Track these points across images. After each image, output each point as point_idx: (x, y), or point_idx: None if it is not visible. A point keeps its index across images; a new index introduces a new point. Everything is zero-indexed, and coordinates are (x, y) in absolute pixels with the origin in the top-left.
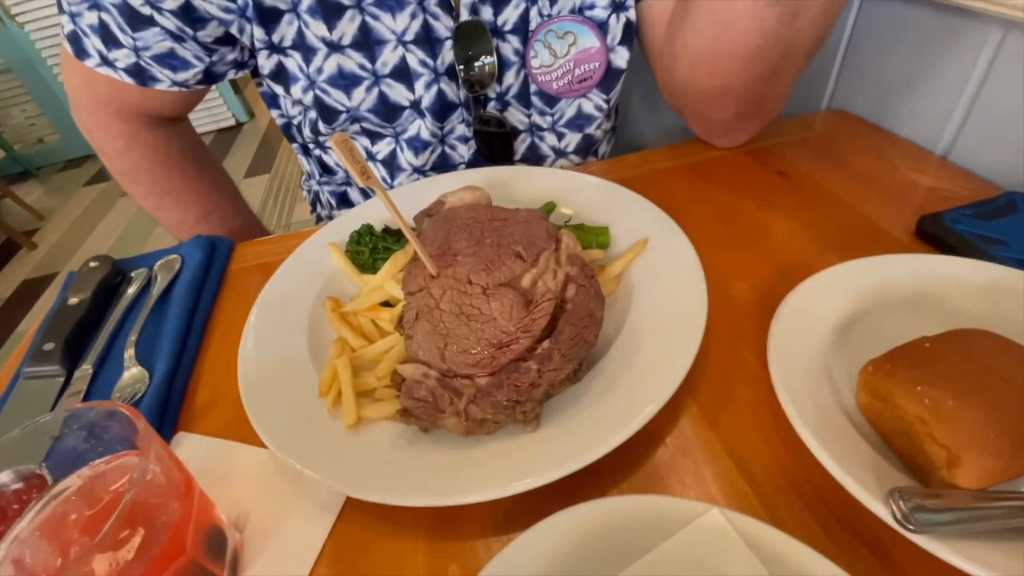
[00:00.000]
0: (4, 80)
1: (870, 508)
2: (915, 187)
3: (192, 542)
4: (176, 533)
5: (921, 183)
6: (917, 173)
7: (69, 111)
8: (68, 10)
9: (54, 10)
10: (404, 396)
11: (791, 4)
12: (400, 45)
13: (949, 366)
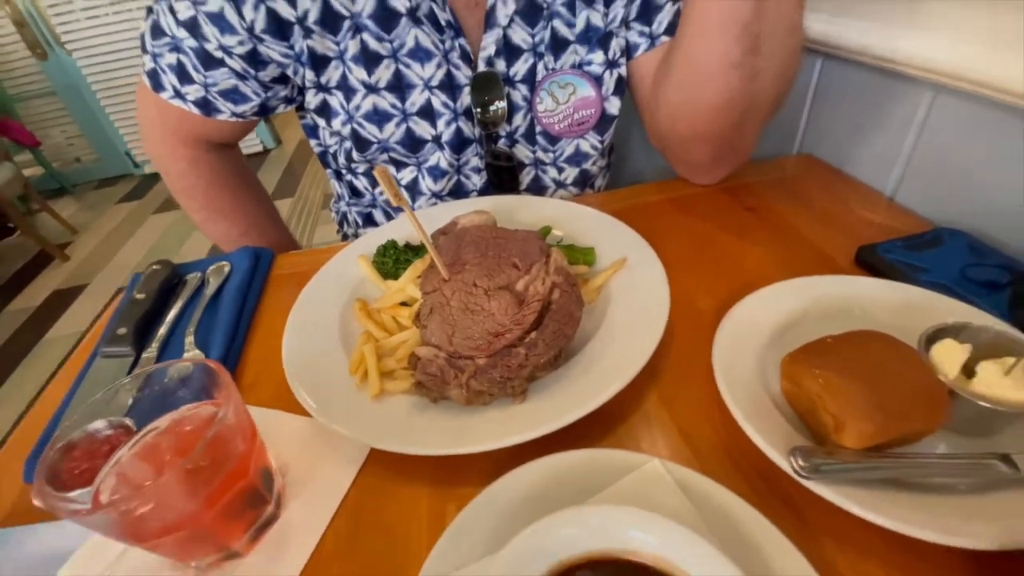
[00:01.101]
0: (48, 102)
1: (777, 463)
2: (864, 223)
3: (252, 472)
4: (242, 462)
5: (869, 219)
6: (867, 211)
7: (107, 133)
8: (151, 51)
9: (100, 39)
10: (419, 372)
11: (750, 68)
12: (426, 89)
13: (842, 356)
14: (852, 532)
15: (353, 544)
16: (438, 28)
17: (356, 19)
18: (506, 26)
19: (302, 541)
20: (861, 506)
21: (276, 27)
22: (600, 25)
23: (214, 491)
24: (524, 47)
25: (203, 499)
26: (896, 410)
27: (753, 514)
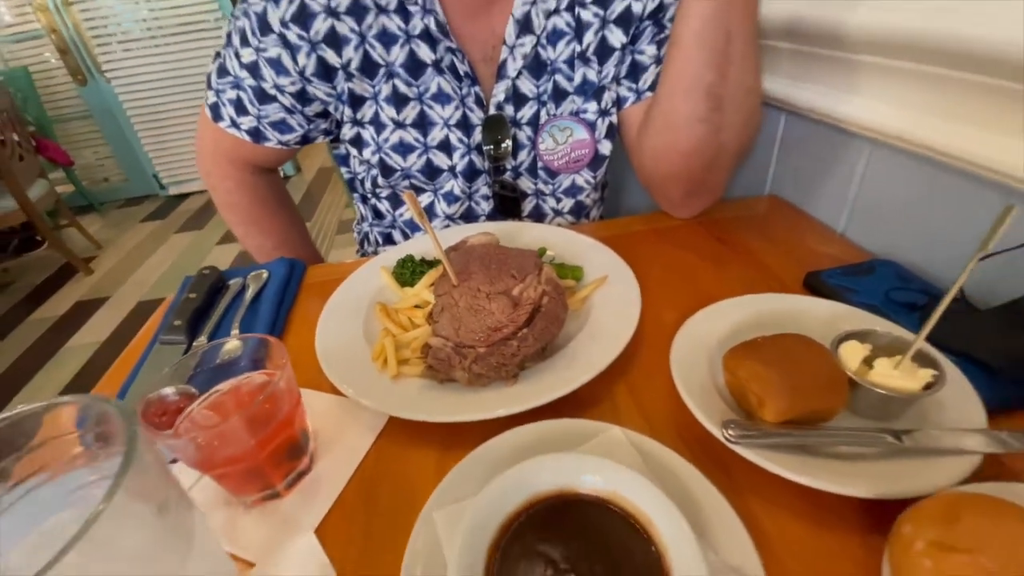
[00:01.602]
0: (83, 125)
1: (712, 433)
2: (816, 254)
3: (294, 429)
4: (288, 418)
5: (822, 251)
6: (821, 245)
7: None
8: (215, 87)
9: (137, 69)
10: (430, 357)
11: (715, 122)
12: (445, 127)
13: (767, 351)
14: (767, 486)
15: (371, 494)
16: (457, 77)
17: (390, 67)
18: (515, 78)
19: (328, 490)
20: (774, 464)
21: (323, 71)
22: (595, 80)
23: (266, 436)
24: (530, 96)
25: (258, 441)
26: (805, 392)
27: (690, 469)
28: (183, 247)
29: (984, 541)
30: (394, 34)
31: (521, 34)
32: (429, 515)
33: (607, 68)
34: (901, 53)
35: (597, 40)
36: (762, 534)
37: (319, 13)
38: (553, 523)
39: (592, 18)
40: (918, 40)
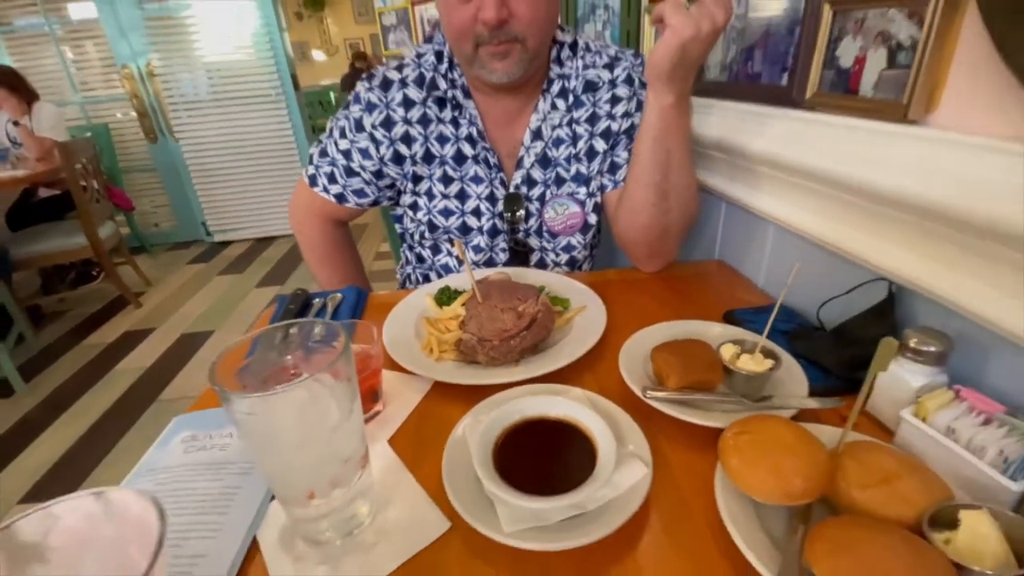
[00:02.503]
0: (147, 176)
1: (636, 393)
2: (739, 300)
3: (376, 381)
4: (374, 374)
5: (744, 299)
6: (745, 294)
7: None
8: (315, 163)
9: (203, 131)
10: (462, 345)
11: (662, 207)
12: (477, 199)
13: (675, 347)
14: (667, 426)
15: (419, 426)
16: (488, 167)
17: (443, 158)
18: (529, 168)
19: (393, 422)
20: (667, 408)
21: (396, 159)
22: (585, 173)
23: (364, 379)
24: (538, 181)
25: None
26: (694, 369)
27: (619, 410)
28: (224, 288)
29: (757, 428)
30: (447, 137)
31: (534, 140)
32: (460, 429)
33: (593, 165)
34: (783, 170)
35: (587, 146)
36: (656, 445)
37: (398, 122)
38: (532, 430)
39: (583, 132)
40: (793, 164)
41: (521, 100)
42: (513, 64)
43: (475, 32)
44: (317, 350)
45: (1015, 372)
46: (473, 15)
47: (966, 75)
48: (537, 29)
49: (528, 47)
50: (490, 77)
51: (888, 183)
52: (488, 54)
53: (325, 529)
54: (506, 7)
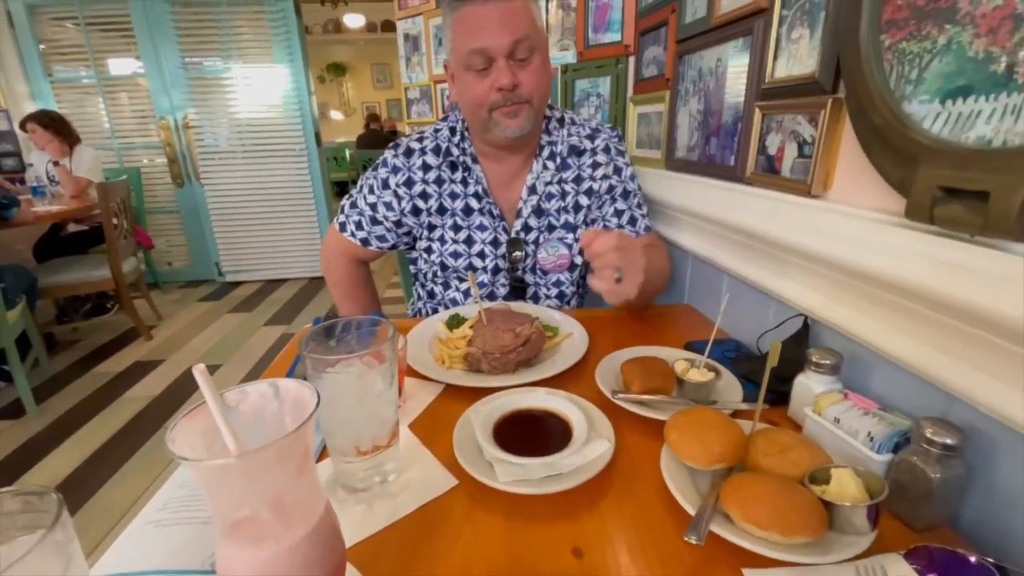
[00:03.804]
0: (169, 217)
1: (608, 396)
2: (698, 334)
3: (402, 380)
4: (399, 372)
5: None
6: (704, 331)
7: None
8: (346, 213)
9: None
10: (469, 357)
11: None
12: (482, 244)
13: (638, 362)
14: (630, 421)
15: (433, 417)
16: (492, 217)
17: (453, 211)
18: (526, 218)
19: (412, 413)
20: (633, 407)
21: (414, 211)
22: (572, 222)
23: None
24: (533, 227)
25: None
26: (652, 377)
27: (596, 409)
28: (233, 325)
29: (692, 413)
30: (458, 194)
31: (530, 195)
32: (467, 415)
33: (579, 215)
34: (730, 230)
35: (573, 201)
36: (619, 432)
37: (418, 182)
38: (524, 417)
39: (570, 189)
40: (737, 226)
41: (518, 164)
42: (523, 120)
43: (490, 100)
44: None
45: (888, 380)
46: (489, 86)
47: (849, 166)
48: (540, 93)
49: (533, 106)
50: (504, 133)
51: (799, 240)
52: (502, 115)
53: (362, 479)
54: (516, 77)
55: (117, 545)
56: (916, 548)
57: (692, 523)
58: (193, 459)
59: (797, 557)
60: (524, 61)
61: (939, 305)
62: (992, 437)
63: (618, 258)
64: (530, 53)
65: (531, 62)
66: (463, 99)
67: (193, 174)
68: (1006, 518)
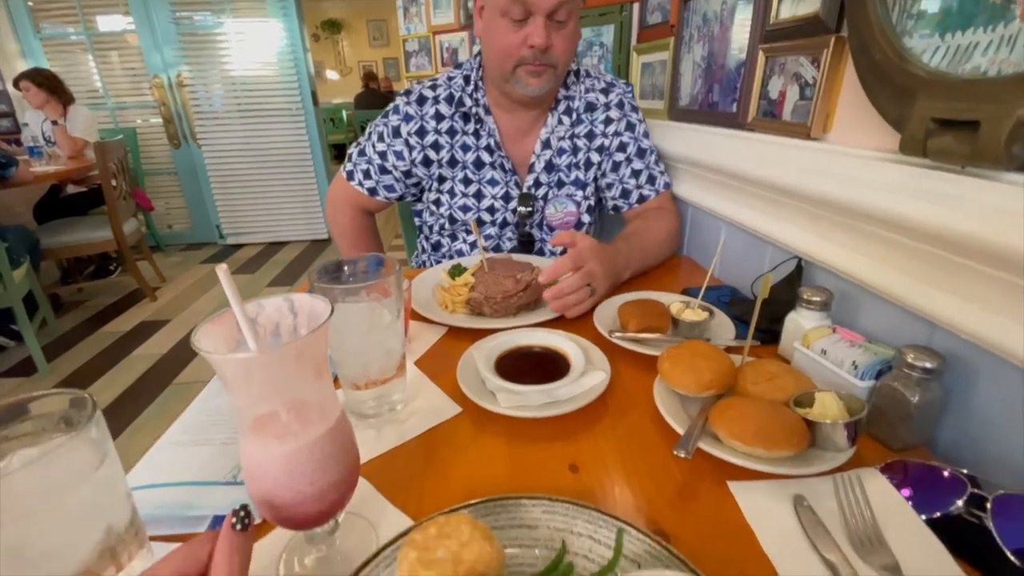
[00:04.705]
0: (167, 179)
1: (604, 335)
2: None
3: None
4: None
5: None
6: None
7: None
8: (354, 161)
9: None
10: (472, 302)
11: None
12: (492, 198)
13: (636, 303)
14: (626, 358)
15: (437, 355)
16: (504, 171)
17: (464, 164)
18: (537, 173)
19: (417, 352)
20: (629, 344)
21: (425, 162)
22: (582, 179)
23: None
24: (543, 183)
25: None
26: (648, 318)
27: (594, 347)
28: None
29: (685, 345)
30: (470, 146)
31: (543, 150)
32: (470, 351)
33: (589, 173)
34: (729, 177)
35: (584, 158)
36: (615, 368)
37: (430, 132)
38: (524, 353)
39: (582, 145)
40: (736, 172)
41: (532, 118)
42: (544, 82)
43: (519, 55)
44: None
45: (875, 315)
46: (522, 40)
47: (848, 107)
48: (566, 60)
49: (557, 72)
50: (525, 91)
51: (798, 182)
52: (526, 72)
53: (371, 408)
54: (550, 38)
55: (145, 461)
56: (892, 463)
57: (681, 440)
58: (219, 355)
59: (778, 469)
60: (561, 24)
61: (929, 236)
62: (971, 363)
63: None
64: (568, 17)
65: (567, 26)
66: (490, 44)
67: (190, 135)
68: (981, 439)
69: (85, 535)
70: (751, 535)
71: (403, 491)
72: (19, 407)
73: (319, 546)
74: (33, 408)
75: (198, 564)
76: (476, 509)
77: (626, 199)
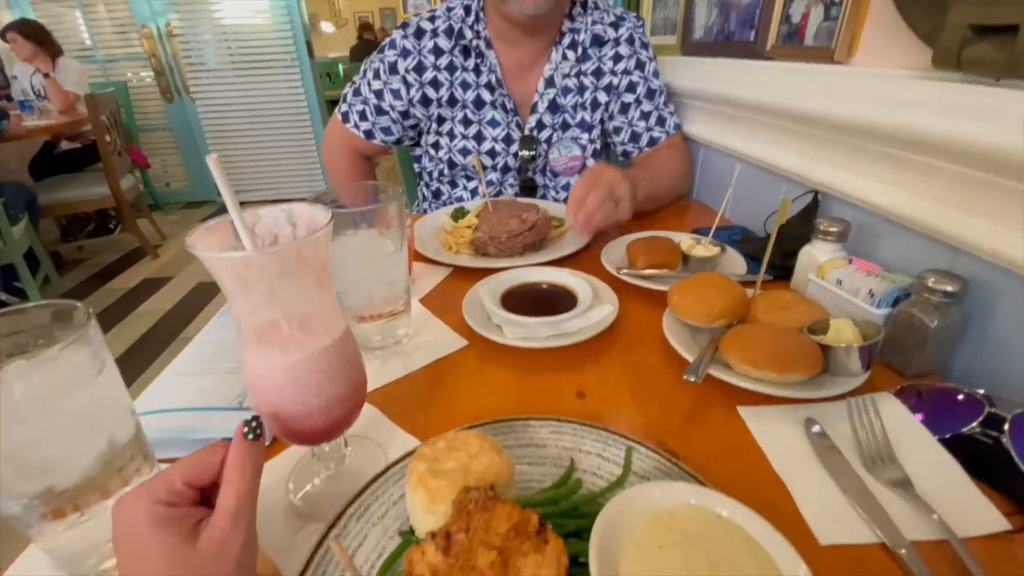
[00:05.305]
0: (161, 136)
1: (611, 272)
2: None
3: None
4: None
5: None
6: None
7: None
8: (349, 101)
9: (219, 91)
10: (476, 242)
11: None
12: (493, 141)
13: (645, 240)
14: (635, 292)
15: (444, 294)
16: (506, 111)
17: (464, 103)
18: (540, 114)
19: (421, 292)
20: (638, 281)
21: (423, 101)
22: (588, 120)
23: None
24: (547, 125)
25: None
26: (657, 254)
27: (602, 283)
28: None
29: (696, 277)
30: (470, 83)
31: (547, 88)
32: (476, 288)
33: (596, 114)
34: (745, 109)
35: (591, 97)
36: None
37: (429, 68)
38: (530, 290)
39: (589, 84)
40: (752, 103)
41: (535, 51)
42: (543, 1)
43: None
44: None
45: (894, 245)
46: None
47: (876, 25)
48: None
49: None
50: (520, 7)
51: (819, 108)
52: None
53: (378, 340)
54: None
55: (149, 391)
56: (906, 387)
57: (691, 365)
58: (216, 254)
59: (790, 393)
60: None
61: (961, 155)
62: (993, 286)
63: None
64: None
65: None
66: None
67: (183, 88)
68: (998, 363)
69: (86, 445)
70: (762, 456)
71: (410, 417)
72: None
73: (328, 464)
74: (27, 319)
75: (210, 470)
76: (484, 429)
77: (636, 143)
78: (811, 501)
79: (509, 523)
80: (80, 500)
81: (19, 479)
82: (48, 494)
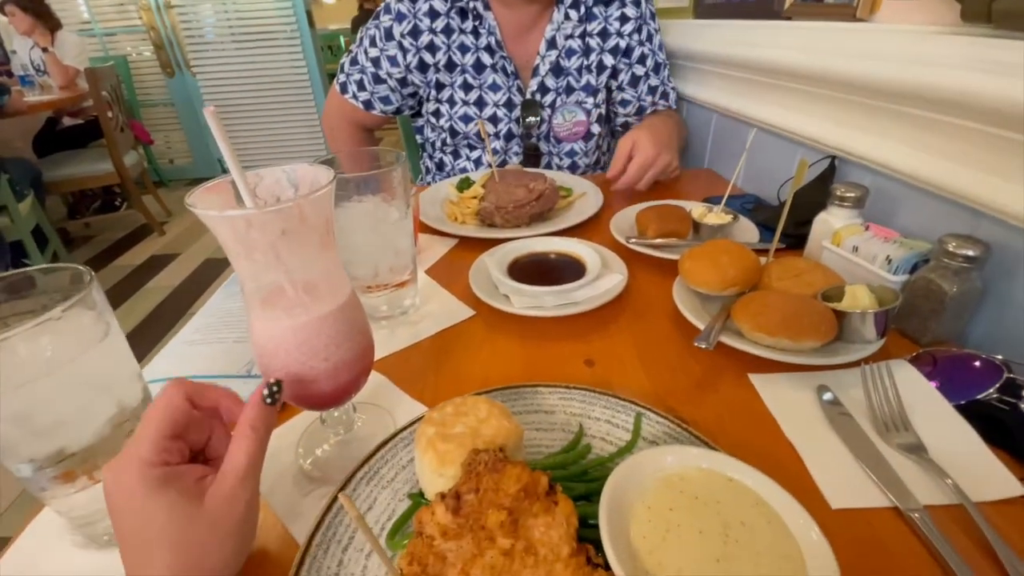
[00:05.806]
0: (163, 111)
1: (621, 242)
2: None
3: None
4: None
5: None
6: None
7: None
8: (346, 71)
9: (220, 65)
10: (482, 211)
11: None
12: (495, 106)
13: (655, 208)
14: (645, 263)
15: (449, 264)
16: (506, 75)
17: (464, 67)
18: (543, 77)
19: (428, 262)
20: (648, 250)
21: (421, 66)
22: (593, 84)
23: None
24: (550, 88)
25: None
26: (668, 222)
27: (610, 252)
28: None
29: (707, 244)
30: (468, 46)
31: (549, 49)
32: (482, 258)
33: (601, 78)
34: (762, 72)
35: (597, 60)
36: (633, 273)
37: (425, 31)
38: (538, 260)
39: (595, 45)
40: (769, 65)
41: (535, 12)
42: None
43: None
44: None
45: (913, 210)
46: None
47: None
48: None
49: None
50: None
51: (839, 68)
52: None
53: (385, 310)
54: None
55: (157, 360)
56: (921, 354)
57: (702, 332)
58: (217, 212)
59: (803, 360)
60: None
61: (990, 113)
62: (1016, 250)
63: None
64: None
65: None
66: None
67: (183, 62)
68: (1018, 329)
69: (95, 407)
70: (773, 423)
71: (418, 384)
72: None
73: (336, 429)
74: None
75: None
76: (493, 395)
77: (639, 117)
78: (822, 466)
79: (519, 484)
80: (91, 463)
81: (30, 441)
82: (59, 456)
